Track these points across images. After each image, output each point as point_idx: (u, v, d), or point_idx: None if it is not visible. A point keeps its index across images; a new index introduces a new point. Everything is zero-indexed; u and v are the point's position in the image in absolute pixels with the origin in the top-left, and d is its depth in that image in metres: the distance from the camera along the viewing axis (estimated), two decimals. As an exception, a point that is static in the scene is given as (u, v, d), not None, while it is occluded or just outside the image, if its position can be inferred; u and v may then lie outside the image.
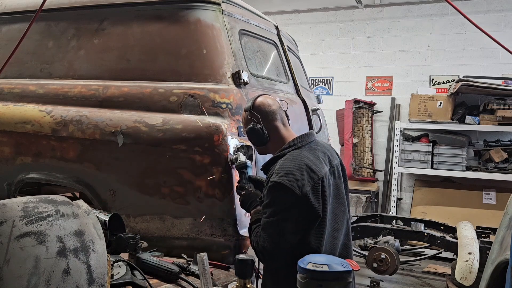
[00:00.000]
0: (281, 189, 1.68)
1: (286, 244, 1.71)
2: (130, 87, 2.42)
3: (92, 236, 1.24)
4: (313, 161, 1.79)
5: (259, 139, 1.91)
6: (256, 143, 1.95)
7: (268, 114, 1.91)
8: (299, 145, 1.87)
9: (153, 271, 1.77)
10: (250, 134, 1.92)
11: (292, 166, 1.73)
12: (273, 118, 1.92)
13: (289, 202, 1.69)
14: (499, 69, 5.56)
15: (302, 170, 1.72)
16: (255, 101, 1.95)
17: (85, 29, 2.65)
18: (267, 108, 1.93)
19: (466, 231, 3.33)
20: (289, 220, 1.70)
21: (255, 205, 1.91)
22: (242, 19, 2.62)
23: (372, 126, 6.26)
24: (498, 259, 1.11)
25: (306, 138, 1.91)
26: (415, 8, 5.99)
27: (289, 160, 1.78)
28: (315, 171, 1.75)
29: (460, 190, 5.43)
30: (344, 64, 6.39)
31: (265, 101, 1.95)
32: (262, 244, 1.71)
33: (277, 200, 1.71)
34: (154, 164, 2.24)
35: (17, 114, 2.63)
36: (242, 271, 1.39)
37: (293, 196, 1.67)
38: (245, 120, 1.96)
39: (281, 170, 1.73)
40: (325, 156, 1.89)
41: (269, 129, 1.91)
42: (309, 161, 1.78)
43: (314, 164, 1.78)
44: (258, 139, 1.91)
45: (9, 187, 2.66)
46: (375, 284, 3.68)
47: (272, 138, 1.92)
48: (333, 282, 1.11)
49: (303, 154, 1.81)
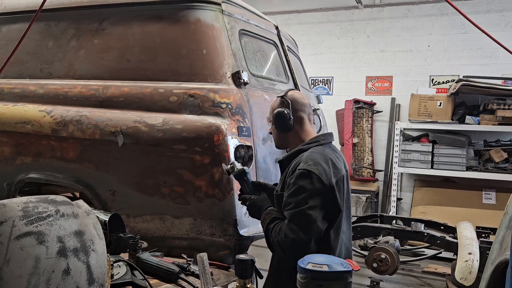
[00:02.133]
0: (310, 177, 1.71)
1: (318, 232, 1.72)
2: (130, 87, 2.42)
3: (92, 236, 1.24)
4: (336, 159, 1.85)
5: (284, 124, 1.94)
6: (279, 127, 1.96)
7: (298, 103, 1.97)
8: (322, 142, 1.92)
9: (153, 271, 1.77)
10: (277, 117, 1.94)
11: (319, 158, 1.78)
12: (302, 109, 1.97)
13: (317, 190, 1.71)
14: (499, 69, 5.56)
15: (329, 164, 1.78)
16: (289, 90, 2.03)
17: (85, 29, 2.65)
18: (298, 98, 1.99)
19: (466, 231, 3.33)
20: (317, 208, 1.71)
21: (266, 207, 1.90)
22: (242, 19, 2.62)
23: (372, 126, 6.26)
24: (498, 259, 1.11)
25: (328, 137, 1.97)
26: (415, 8, 5.99)
27: (316, 153, 1.82)
28: (338, 168, 1.82)
29: (460, 190, 5.43)
30: (344, 64, 6.39)
31: (298, 93, 2.05)
32: (292, 236, 1.67)
33: (305, 188, 1.72)
34: (154, 164, 2.24)
35: (17, 114, 2.63)
36: (242, 271, 1.39)
37: (321, 185, 1.71)
38: (275, 106, 2.00)
39: (310, 160, 1.77)
40: (341, 159, 1.94)
41: (295, 118, 1.95)
42: (332, 158, 1.83)
43: (337, 162, 1.84)
44: (283, 123, 1.94)
45: (9, 187, 2.66)
46: (375, 284, 3.68)
47: (295, 128, 1.95)
48: (333, 282, 1.11)
49: (326, 151, 1.86)
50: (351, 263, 1.16)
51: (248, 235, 2.17)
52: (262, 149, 2.39)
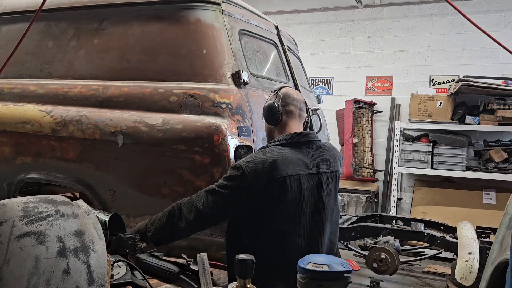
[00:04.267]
0: (238, 171, 1.76)
1: (221, 216, 1.85)
2: (130, 87, 2.42)
3: (92, 236, 1.24)
4: (285, 160, 1.80)
5: (271, 116, 1.96)
6: (267, 118, 1.99)
7: (289, 98, 1.98)
8: (283, 142, 1.89)
9: (153, 271, 1.76)
10: (266, 109, 1.97)
11: (259, 158, 1.79)
12: (292, 104, 1.97)
13: (240, 186, 1.76)
14: (499, 69, 5.56)
15: (266, 164, 1.76)
16: (284, 86, 2.07)
17: (85, 29, 2.65)
18: (291, 93, 2.00)
19: (466, 231, 3.33)
20: (231, 200, 1.78)
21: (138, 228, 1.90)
22: (242, 19, 2.62)
23: (372, 126, 6.26)
24: (498, 259, 1.11)
25: (295, 137, 1.92)
26: (415, 8, 5.99)
27: (264, 152, 1.84)
28: (279, 168, 1.77)
29: (460, 190, 5.43)
30: (344, 64, 6.39)
31: (293, 90, 2.07)
32: (196, 204, 1.78)
33: (231, 178, 1.78)
34: (154, 164, 2.24)
35: (17, 114, 2.63)
36: (242, 271, 1.39)
37: (245, 183, 1.74)
38: (268, 99, 2.03)
39: (249, 157, 1.82)
40: (311, 161, 1.88)
41: (284, 111, 1.96)
42: (280, 158, 1.79)
43: (283, 163, 1.79)
44: (271, 115, 1.96)
45: (9, 187, 2.66)
46: (375, 284, 3.68)
47: (282, 122, 1.96)
48: (333, 282, 1.11)
49: (282, 151, 1.83)
50: (351, 263, 1.16)
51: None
52: (262, 149, 2.39)
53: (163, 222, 1.86)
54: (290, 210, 1.80)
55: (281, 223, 1.81)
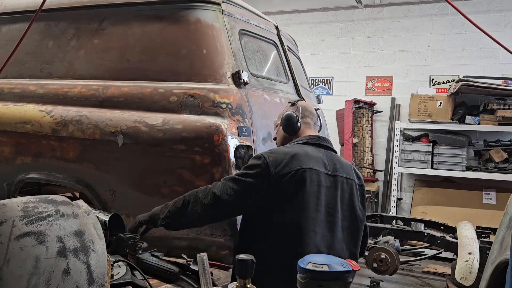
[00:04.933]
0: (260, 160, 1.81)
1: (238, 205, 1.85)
2: (130, 87, 2.42)
3: (92, 236, 1.24)
4: (307, 155, 1.87)
5: (291, 126, 2.05)
6: (287, 129, 2.07)
7: (307, 111, 2.12)
8: (305, 141, 1.99)
9: (153, 271, 1.76)
10: (286, 119, 2.06)
11: (281, 150, 1.88)
12: (309, 116, 2.12)
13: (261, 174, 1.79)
14: (499, 69, 5.56)
15: (288, 155, 1.83)
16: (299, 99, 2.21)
17: (85, 29, 2.65)
18: (309, 107, 2.15)
19: (466, 231, 3.33)
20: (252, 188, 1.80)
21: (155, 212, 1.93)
22: (242, 19, 2.62)
23: (372, 126, 6.26)
24: (498, 259, 1.11)
25: (316, 139, 2.02)
26: (415, 8, 5.99)
27: (285, 147, 1.93)
28: (301, 160, 1.83)
29: (460, 190, 5.43)
30: (344, 64, 6.39)
31: (308, 104, 2.20)
32: (214, 190, 1.81)
33: (253, 166, 1.83)
34: (154, 164, 2.24)
35: (17, 114, 2.63)
36: (242, 271, 1.39)
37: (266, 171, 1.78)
38: (285, 109, 2.15)
39: (271, 150, 1.90)
40: (329, 162, 1.93)
41: (302, 122, 2.08)
42: (302, 152, 1.86)
43: (304, 156, 1.85)
44: (291, 125, 2.05)
45: (9, 187, 2.66)
46: (375, 284, 3.68)
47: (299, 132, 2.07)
48: (333, 282, 1.11)
49: (303, 148, 1.91)
50: (351, 263, 1.16)
51: (248, 235, 2.17)
52: (262, 149, 2.39)
53: (177, 206, 1.87)
54: (307, 202, 1.81)
55: (298, 215, 1.80)
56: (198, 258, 1.66)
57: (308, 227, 1.80)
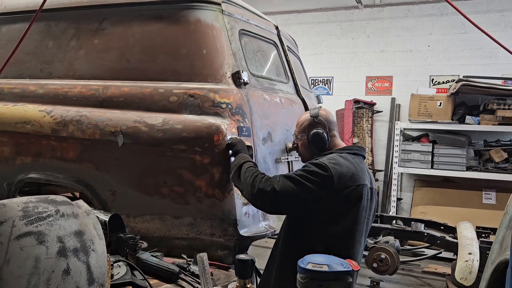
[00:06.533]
0: (326, 171, 1.79)
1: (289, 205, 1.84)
2: (130, 87, 2.42)
3: (92, 236, 1.24)
4: (362, 170, 1.91)
5: (321, 144, 2.03)
6: (317, 147, 2.05)
7: (331, 123, 2.09)
8: (355, 151, 1.99)
9: (153, 271, 1.76)
10: (315, 138, 2.03)
11: (344, 165, 1.85)
12: (334, 128, 2.10)
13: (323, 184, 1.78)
14: (499, 69, 5.56)
15: (350, 171, 1.84)
16: (320, 109, 2.12)
17: (85, 29, 2.65)
18: (330, 118, 2.11)
19: (466, 231, 3.33)
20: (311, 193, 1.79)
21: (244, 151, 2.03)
22: (242, 19, 2.62)
23: (372, 126, 6.26)
24: (498, 259, 1.11)
25: (361, 149, 2.04)
26: (415, 8, 5.99)
27: (344, 159, 1.89)
28: (359, 176, 1.87)
29: (460, 190, 5.44)
30: (344, 64, 6.39)
31: (328, 112, 2.16)
32: (274, 186, 1.80)
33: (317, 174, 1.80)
34: (154, 164, 2.24)
35: (17, 114, 2.63)
36: (242, 271, 1.39)
37: (328, 182, 1.78)
38: (308, 125, 2.08)
39: (334, 160, 1.85)
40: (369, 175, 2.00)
41: (330, 136, 2.06)
42: (359, 168, 1.90)
43: (361, 172, 1.90)
44: (320, 144, 2.03)
45: (9, 187, 2.66)
46: (375, 284, 3.68)
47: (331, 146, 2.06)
48: (333, 282, 1.11)
49: (355, 160, 1.93)
50: (351, 263, 1.16)
51: (248, 235, 2.17)
52: (262, 149, 2.39)
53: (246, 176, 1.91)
54: (361, 216, 1.89)
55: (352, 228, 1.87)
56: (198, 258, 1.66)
57: (356, 239, 1.90)
